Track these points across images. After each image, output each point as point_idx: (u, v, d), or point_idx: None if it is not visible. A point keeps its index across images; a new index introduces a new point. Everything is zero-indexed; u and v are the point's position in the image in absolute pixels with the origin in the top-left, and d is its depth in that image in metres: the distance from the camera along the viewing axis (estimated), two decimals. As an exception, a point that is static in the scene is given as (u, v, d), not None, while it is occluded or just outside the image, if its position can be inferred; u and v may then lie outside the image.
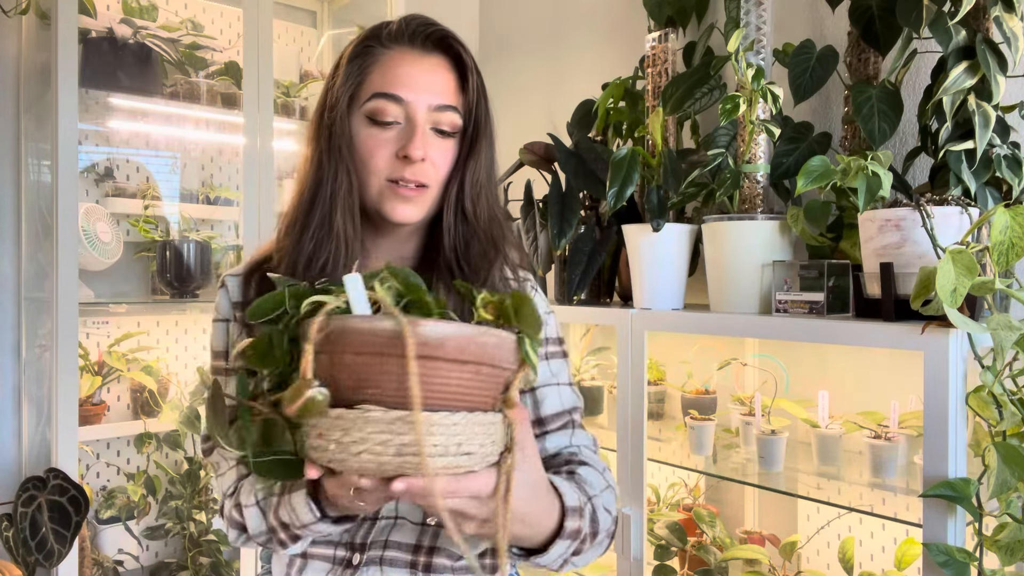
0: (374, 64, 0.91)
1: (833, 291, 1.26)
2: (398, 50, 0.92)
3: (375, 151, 0.90)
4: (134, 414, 2.30)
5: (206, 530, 2.31)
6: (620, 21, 2.09)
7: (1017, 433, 1.03)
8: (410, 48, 0.92)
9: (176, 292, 2.27)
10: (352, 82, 0.91)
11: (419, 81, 0.90)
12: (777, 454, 1.43)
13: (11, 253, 2.07)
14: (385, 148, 0.90)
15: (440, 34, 0.93)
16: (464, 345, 0.63)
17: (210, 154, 2.52)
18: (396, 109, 0.89)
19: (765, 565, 1.55)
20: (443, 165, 0.92)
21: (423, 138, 0.89)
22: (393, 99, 0.89)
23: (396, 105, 0.89)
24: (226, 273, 0.99)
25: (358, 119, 0.91)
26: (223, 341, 0.96)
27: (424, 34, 0.92)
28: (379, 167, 0.90)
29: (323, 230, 0.90)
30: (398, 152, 0.90)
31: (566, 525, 0.80)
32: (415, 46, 0.92)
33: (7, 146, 2.06)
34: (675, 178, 1.52)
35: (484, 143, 0.94)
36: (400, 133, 0.90)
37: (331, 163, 0.91)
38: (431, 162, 0.91)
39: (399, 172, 0.90)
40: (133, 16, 2.23)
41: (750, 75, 1.38)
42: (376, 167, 0.90)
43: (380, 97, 0.89)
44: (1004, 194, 1.27)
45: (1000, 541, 1.02)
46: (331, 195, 0.90)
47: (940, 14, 1.21)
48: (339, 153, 0.90)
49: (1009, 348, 1.01)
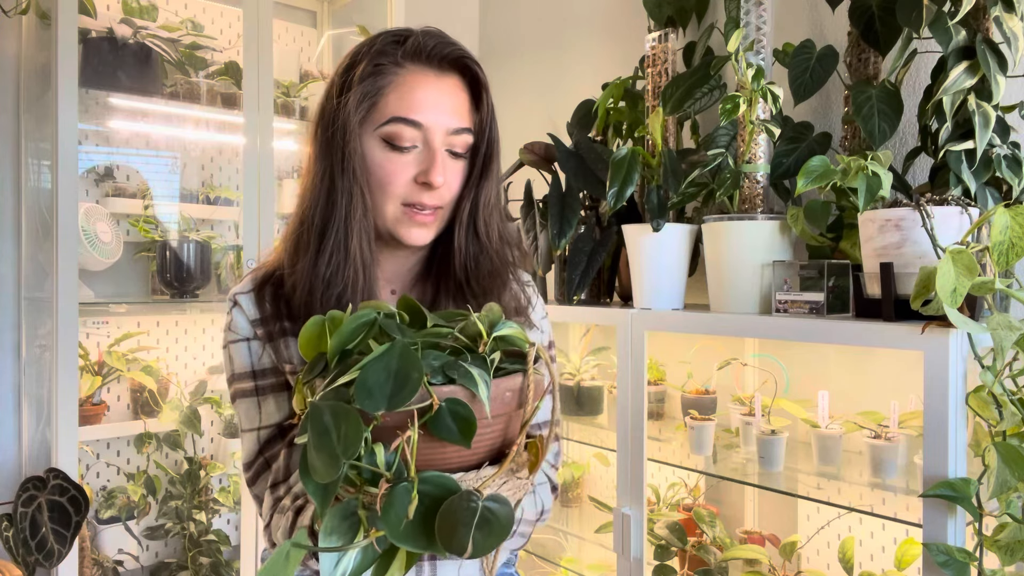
0: (390, 85, 0.89)
1: (833, 291, 1.26)
2: (415, 71, 0.90)
3: (393, 176, 0.89)
4: (134, 414, 2.30)
5: (206, 530, 2.31)
6: (620, 21, 2.09)
7: (1017, 433, 1.03)
8: (427, 68, 0.90)
9: (176, 292, 2.27)
10: (367, 102, 0.89)
11: (437, 105, 0.89)
12: (777, 454, 1.43)
13: (11, 253, 2.07)
14: (403, 173, 0.89)
15: (457, 54, 0.91)
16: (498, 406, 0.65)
17: (210, 154, 2.52)
18: (414, 133, 0.88)
19: (765, 565, 1.55)
20: (455, 186, 0.92)
21: (442, 164, 0.89)
22: (411, 124, 0.88)
23: (415, 129, 0.88)
24: (235, 291, 0.96)
25: (372, 140, 0.89)
26: (248, 361, 0.94)
27: (441, 55, 0.90)
28: (397, 192, 0.89)
29: (340, 254, 0.89)
30: (417, 177, 0.89)
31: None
32: (432, 66, 0.90)
33: (7, 146, 2.06)
34: (675, 178, 1.52)
35: (495, 163, 0.94)
36: (418, 157, 0.89)
37: (344, 185, 0.89)
38: (447, 185, 0.90)
39: (417, 197, 0.89)
40: (133, 16, 2.23)
41: (750, 75, 1.38)
42: (394, 192, 0.89)
43: (398, 121, 0.88)
44: (1004, 194, 1.27)
45: (1000, 541, 1.02)
46: (346, 218, 0.89)
47: (940, 14, 1.21)
48: (353, 175, 0.88)
49: (1009, 348, 1.01)
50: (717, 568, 1.58)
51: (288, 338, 0.92)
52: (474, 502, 0.59)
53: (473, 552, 0.57)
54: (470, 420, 0.61)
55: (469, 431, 0.61)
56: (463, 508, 0.58)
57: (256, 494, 0.93)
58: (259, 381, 0.93)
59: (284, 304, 0.93)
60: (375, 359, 0.61)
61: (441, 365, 0.64)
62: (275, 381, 0.94)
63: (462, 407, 0.61)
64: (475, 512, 0.58)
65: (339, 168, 0.89)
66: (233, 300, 0.95)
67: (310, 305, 0.89)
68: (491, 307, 0.72)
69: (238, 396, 0.94)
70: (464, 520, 0.57)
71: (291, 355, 0.92)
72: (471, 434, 0.61)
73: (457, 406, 0.61)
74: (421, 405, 0.60)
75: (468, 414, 0.61)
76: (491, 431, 0.65)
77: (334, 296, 0.89)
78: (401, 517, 0.58)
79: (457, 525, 0.57)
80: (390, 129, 0.88)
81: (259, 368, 0.93)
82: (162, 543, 2.37)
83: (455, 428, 0.61)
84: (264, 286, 0.95)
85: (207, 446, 2.44)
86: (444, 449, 0.62)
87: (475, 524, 0.57)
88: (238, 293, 0.95)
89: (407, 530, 0.58)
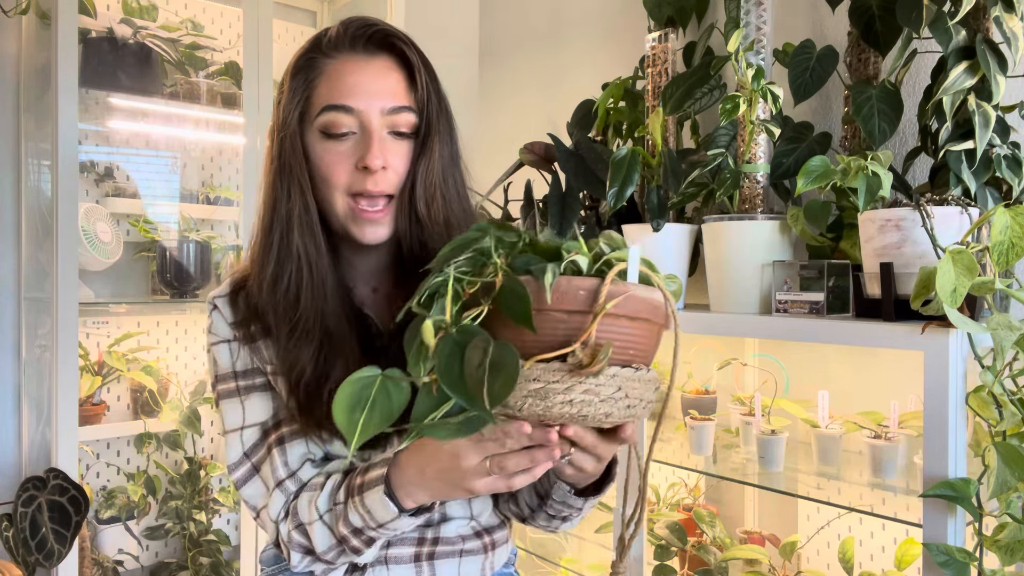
0: (319, 76, 0.88)
1: (833, 291, 1.26)
2: (341, 58, 0.89)
3: (334, 166, 0.88)
4: (134, 414, 2.30)
5: (206, 530, 2.31)
6: (620, 21, 2.09)
7: (1017, 433, 1.03)
8: (353, 54, 0.89)
9: (176, 292, 2.27)
10: (299, 97, 0.88)
11: (368, 87, 0.87)
12: (777, 454, 1.43)
13: (11, 253, 2.07)
14: (344, 161, 0.88)
15: (381, 34, 0.90)
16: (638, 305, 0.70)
17: (210, 154, 2.52)
18: (349, 119, 0.87)
19: (765, 565, 1.55)
20: (401, 168, 0.90)
21: (380, 145, 0.87)
22: (344, 110, 0.87)
23: (348, 115, 0.87)
24: (214, 296, 0.96)
25: (312, 135, 0.89)
26: (230, 361, 0.94)
27: (365, 36, 0.89)
28: (340, 182, 0.88)
29: (283, 251, 0.89)
30: (357, 163, 0.87)
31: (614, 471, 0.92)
32: (357, 51, 0.89)
33: (7, 146, 2.06)
34: (675, 178, 1.52)
35: (436, 140, 0.91)
36: (356, 143, 0.88)
37: (283, 183, 0.89)
38: (392, 169, 0.88)
39: (361, 185, 0.87)
40: (133, 16, 2.23)
41: (750, 75, 1.38)
42: (337, 182, 0.88)
43: (330, 110, 0.87)
44: (1004, 194, 1.27)
45: (1000, 541, 1.02)
46: (286, 215, 0.89)
47: (940, 14, 1.21)
48: (289, 172, 0.88)
49: (1009, 348, 1.01)
50: (717, 568, 1.58)
51: (267, 339, 0.92)
52: (487, 347, 0.65)
53: (490, 398, 0.62)
54: (524, 297, 0.65)
55: (525, 309, 0.65)
56: (477, 350, 0.65)
57: (247, 496, 0.93)
58: (240, 381, 0.93)
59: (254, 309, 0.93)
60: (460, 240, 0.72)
61: (527, 264, 0.70)
62: (257, 381, 0.94)
63: (517, 285, 0.66)
64: (486, 354, 0.64)
65: (278, 166, 0.89)
66: (212, 304, 0.95)
67: (265, 305, 0.90)
68: (611, 235, 0.75)
69: (222, 397, 0.94)
70: (475, 361, 0.64)
71: (271, 356, 0.92)
72: (527, 314, 0.65)
73: (514, 284, 0.66)
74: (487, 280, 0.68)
75: (522, 292, 0.66)
76: (565, 326, 0.68)
77: (281, 294, 0.88)
78: (443, 359, 0.65)
79: (473, 367, 0.64)
80: (324, 119, 0.87)
81: (240, 369, 0.94)
82: (162, 543, 2.37)
83: (515, 307, 0.66)
84: (239, 290, 0.95)
85: (207, 446, 2.44)
86: (522, 334, 0.67)
87: (488, 366, 0.63)
88: (216, 297, 0.96)
89: (451, 375, 0.65)
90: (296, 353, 0.88)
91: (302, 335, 0.88)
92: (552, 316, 0.67)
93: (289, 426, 0.91)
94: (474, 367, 0.64)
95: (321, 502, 0.86)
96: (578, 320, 0.68)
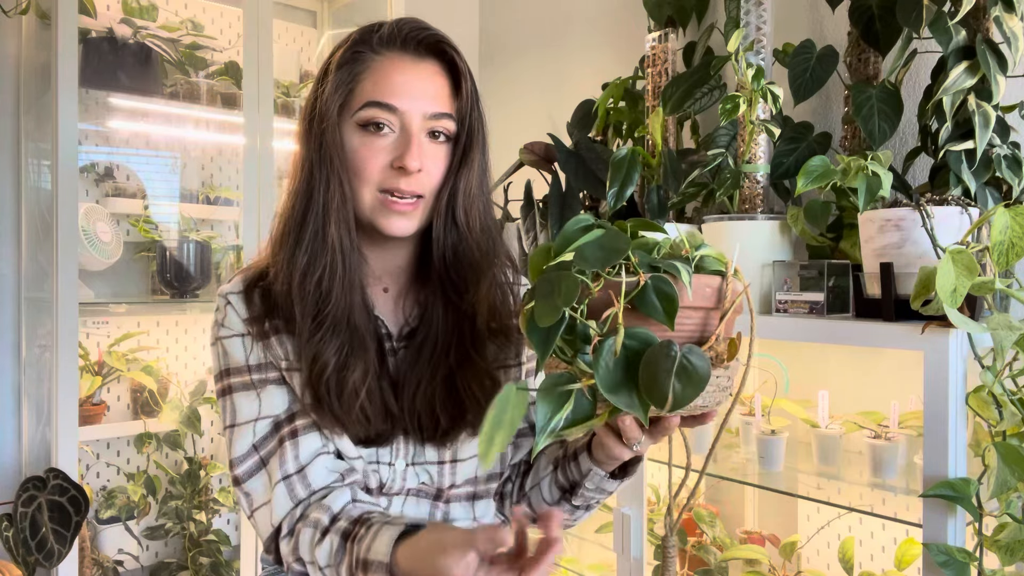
0: (366, 71, 0.89)
1: (833, 291, 1.26)
2: (390, 56, 0.90)
3: (368, 160, 0.88)
4: (134, 414, 2.30)
5: (206, 530, 2.31)
6: (620, 21, 2.09)
7: (1017, 433, 1.03)
8: (403, 54, 0.90)
9: (176, 292, 2.27)
10: (343, 90, 0.89)
11: (413, 89, 0.88)
12: (777, 454, 1.43)
13: (11, 253, 2.07)
14: (379, 158, 0.88)
15: (433, 39, 0.91)
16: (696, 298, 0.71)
17: (210, 154, 2.52)
18: (390, 117, 0.88)
19: (765, 565, 1.55)
20: (437, 173, 0.91)
21: (419, 148, 0.88)
22: (387, 108, 0.88)
23: (390, 114, 0.88)
24: (227, 291, 0.95)
25: (350, 128, 0.89)
26: (244, 355, 0.93)
27: (417, 39, 0.90)
28: (373, 177, 0.88)
29: (317, 242, 0.89)
30: (393, 162, 0.88)
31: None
32: (408, 51, 0.90)
33: (7, 146, 2.06)
34: (675, 178, 1.52)
35: (477, 152, 0.93)
36: (394, 142, 0.89)
37: (322, 173, 0.89)
38: (426, 171, 0.89)
39: (393, 183, 0.88)
40: (133, 16, 2.23)
41: (750, 75, 1.38)
42: (369, 177, 0.88)
43: (373, 106, 0.88)
44: (1004, 194, 1.27)
45: (1000, 541, 1.02)
46: (324, 206, 0.89)
47: (940, 14, 1.21)
48: (330, 163, 0.88)
49: (1009, 348, 1.01)
50: (717, 568, 1.58)
51: (282, 335, 0.92)
52: (673, 352, 0.64)
53: (673, 403, 0.62)
54: (672, 297, 0.66)
55: (672, 308, 0.66)
56: (663, 356, 0.64)
57: (250, 490, 0.91)
58: (255, 375, 0.93)
59: (273, 302, 0.92)
60: (590, 238, 0.71)
61: (648, 260, 0.71)
62: (271, 375, 0.93)
63: (666, 284, 0.67)
64: (675, 360, 0.64)
65: (317, 157, 0.89)
66: (225, 299, 0.95)
67: (290, 296, 0.89)
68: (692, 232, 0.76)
69: (234, 389, 0.93)
70: (664, 367, 0.63)
71: (287, 351, 0.91)
72: (674, 311, 0.66)
73: (662, 283, 0.67)
74: (629, 279, 0.68)
75: (671, 291, 0.66)
76: (691, 321, 0.70)
77: (312, 285, 0.88)
78: (608, 363, 0.65)
79: (658, 372, 0.63)
80: (365, 114, 0.88)
81: (255, 363, 0.93)
82: (162, 543, 2.37)
83: (659, 305, 0.66)
84: (254, 286, 0.94)
85: (207, 446, 2.44)
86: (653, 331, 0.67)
87: (675, 371, 0.63)
88: (229, 292, 0.95)
89: (613, 378, 0.65)
90: (320, 346, 0.88)
91: (329, 328, 0.88)
92: (681, 312, 0.69)
93: (303, 420, 0.91)
94: (664, 372, 0.63)
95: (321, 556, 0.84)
96: (701, 315, 0.71)
